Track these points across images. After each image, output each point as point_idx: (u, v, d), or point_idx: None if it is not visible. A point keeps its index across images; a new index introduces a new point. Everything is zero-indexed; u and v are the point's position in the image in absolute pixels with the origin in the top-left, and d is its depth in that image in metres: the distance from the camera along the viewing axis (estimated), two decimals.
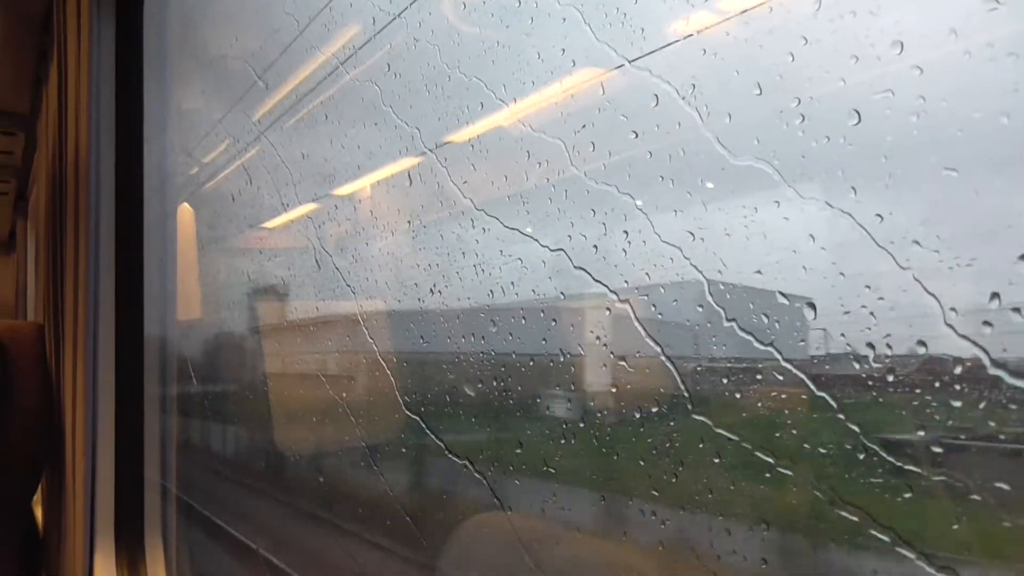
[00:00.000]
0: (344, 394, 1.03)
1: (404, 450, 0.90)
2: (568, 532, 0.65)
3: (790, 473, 0.43)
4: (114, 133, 1.63)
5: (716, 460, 0.47)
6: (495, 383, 0.69)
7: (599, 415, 0.59)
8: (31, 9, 2.02)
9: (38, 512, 1.95)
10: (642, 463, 0.52)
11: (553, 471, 0.64)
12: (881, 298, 0.38)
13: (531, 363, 0.64)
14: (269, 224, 1.59)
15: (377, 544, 1.13)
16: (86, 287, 1.52)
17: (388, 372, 0.90)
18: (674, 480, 0.50)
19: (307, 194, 1.36)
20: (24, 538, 1.66)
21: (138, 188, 1.65)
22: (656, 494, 0.52)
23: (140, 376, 1.60)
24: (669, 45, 0.48)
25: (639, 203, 0.49)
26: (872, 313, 0.38)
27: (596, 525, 0.62)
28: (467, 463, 0.70)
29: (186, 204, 1.83)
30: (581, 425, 0.59)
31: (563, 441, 0.60)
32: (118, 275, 1.60)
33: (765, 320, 0.43)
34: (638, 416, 0.54)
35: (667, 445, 0.50)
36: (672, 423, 0.50)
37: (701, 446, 0.47)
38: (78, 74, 1.60)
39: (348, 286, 0.91)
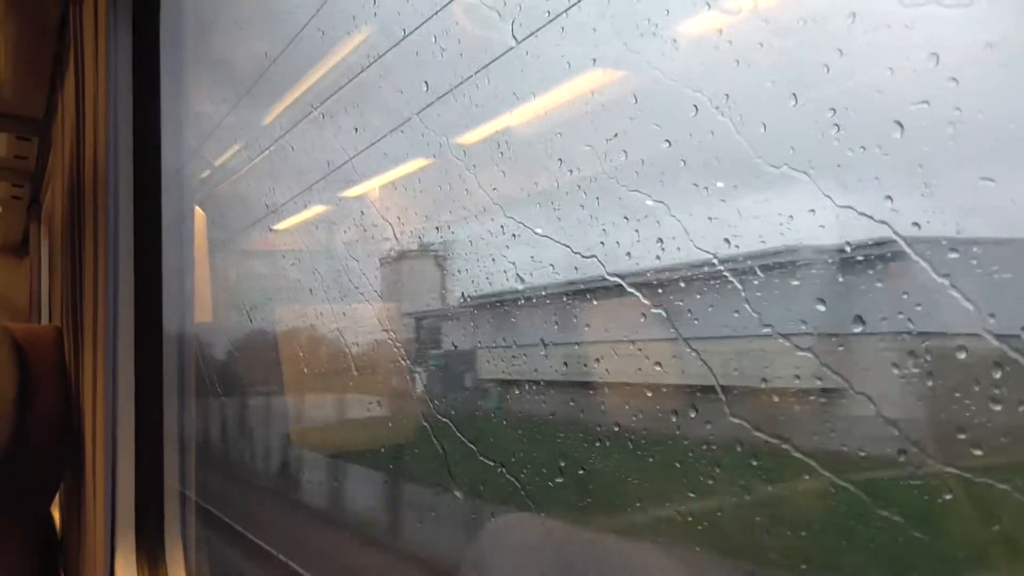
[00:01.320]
0: (370, 404, 1.06)
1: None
2: None
3: None
4: (132, 137, 1.65)
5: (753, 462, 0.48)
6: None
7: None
8: (47, 16, 2.04)
9: (55, 514, 1.97)
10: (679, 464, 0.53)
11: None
12: (919, 305, 0.39)
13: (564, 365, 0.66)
14: (284, 225, 1.61)
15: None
16: (105, 290, 1.54)
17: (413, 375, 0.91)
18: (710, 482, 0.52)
19: (325, 196, 1.38)
20: (43, 540, 1.67)
21: (155, 191, 1.67)
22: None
23: (159, 379, 1.62)
24: (702, 55, 0.49)
25: (673, 210, 0.50)
26: (910, 320, 0.39)
27: None
28: (503, 470, 0.71)
29: (206, 205, 1.85)
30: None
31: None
32: (137, 278, 1.61)
33: (803, 327, 0.44)
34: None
35: (704, 448, 0.51)
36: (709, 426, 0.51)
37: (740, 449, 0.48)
38: (96, 79, 1.62)
39: (374, 290, 0.93)
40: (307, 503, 1.60)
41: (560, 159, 0.59)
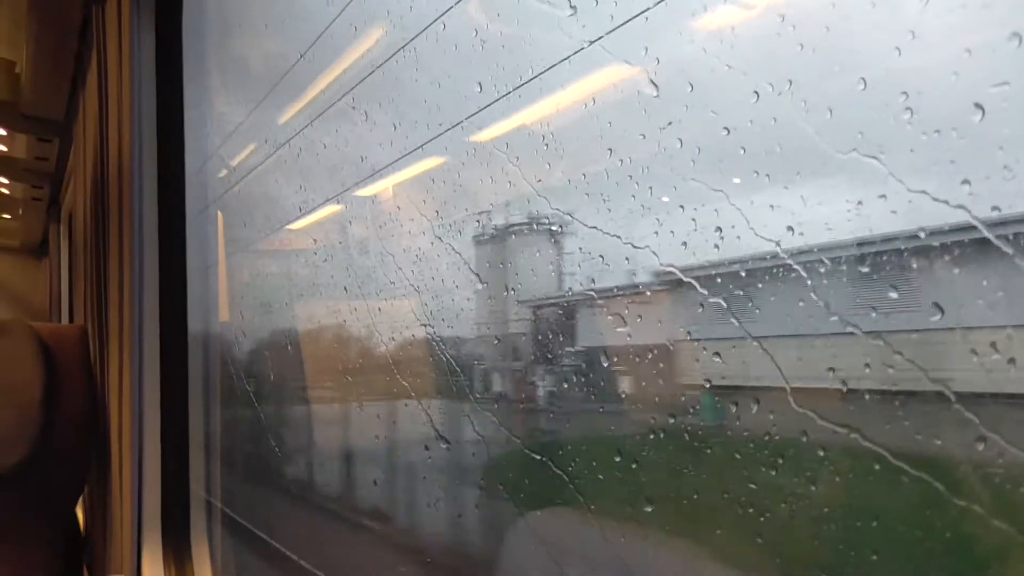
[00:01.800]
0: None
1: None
2: None
3: None
4: (155, 137, 1.66)
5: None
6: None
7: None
8: (69, 19, 2.05)
9: (78, 512, 1.98)
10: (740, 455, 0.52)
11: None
12: (1000, 291, 0.38)
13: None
14: (306, 222, 1.61)
15: None
16: (130, 289, 1.55)
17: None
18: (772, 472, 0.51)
19: (343, 193, 1.38)
20: (68, 537, 1.68)
21: (180, 192, 1.68)
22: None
23: (184, 379, 1.62)
24: (764, 42, 0.48)
25: (732, 198, 0.49)
26: (991, 308, 0.38)
27: None
28: (548, 461, 0.70)
29: (231, 203, 1.85)
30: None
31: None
32: (161, 277, 1.62)
33: (873, 315, 0.43)
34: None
35: (766, 436, 0.50)
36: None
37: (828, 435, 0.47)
38: (120, 80, 1.62)
39: (414, 287, 0.92)
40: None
41: (610, 148, 0.59)
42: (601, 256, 0.61)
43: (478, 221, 0.81)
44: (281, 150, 1.72)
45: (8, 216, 4.40)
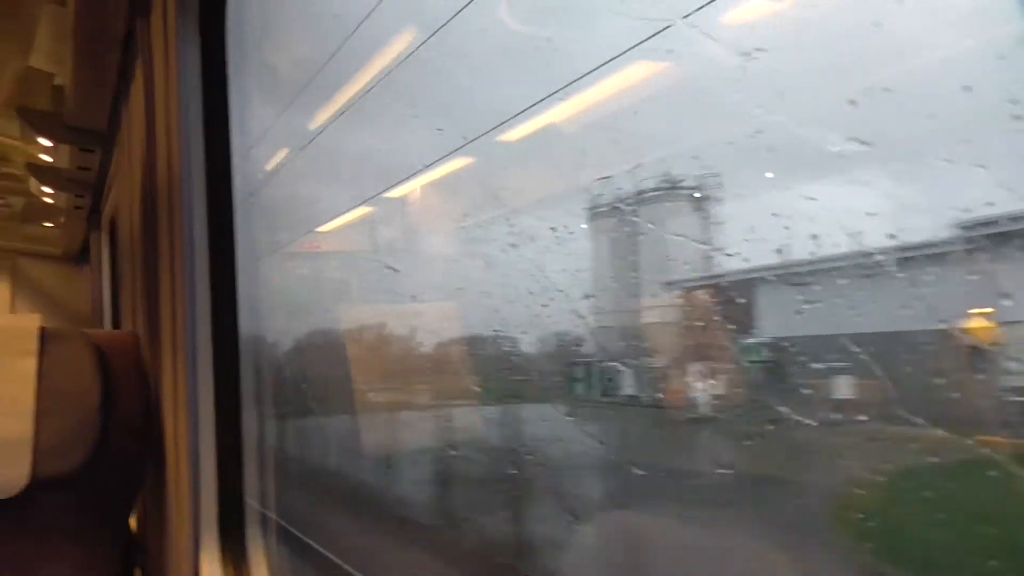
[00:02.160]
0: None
1: None
2: None
3: None
4: (203, 145, 1.68)
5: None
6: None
7: None
8: (113, 30, 2.09)
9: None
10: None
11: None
12: None
13: None
14: (339, 222, 1.63)
15: None
16: (183, 297, 1.58)
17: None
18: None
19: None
20: (125, 541, 1.72)
21: (227, 197, 1.70)
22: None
23: (237, 383, 1.65)
24: (861, 40, 0.47)
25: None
26: None
27: None
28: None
29: (281, 207, 1.88)
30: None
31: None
32: (212, 284, 1.65)
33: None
34: None
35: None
36: None
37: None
38: (166, 89, 1.66)
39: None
40: None
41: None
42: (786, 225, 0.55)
43: (595, 191, 0.74)
44: (319, 152, 1.74)
45: (51, 224, 4.51)
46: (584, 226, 0.74)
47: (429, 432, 1.31)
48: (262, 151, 1.93)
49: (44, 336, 1.59)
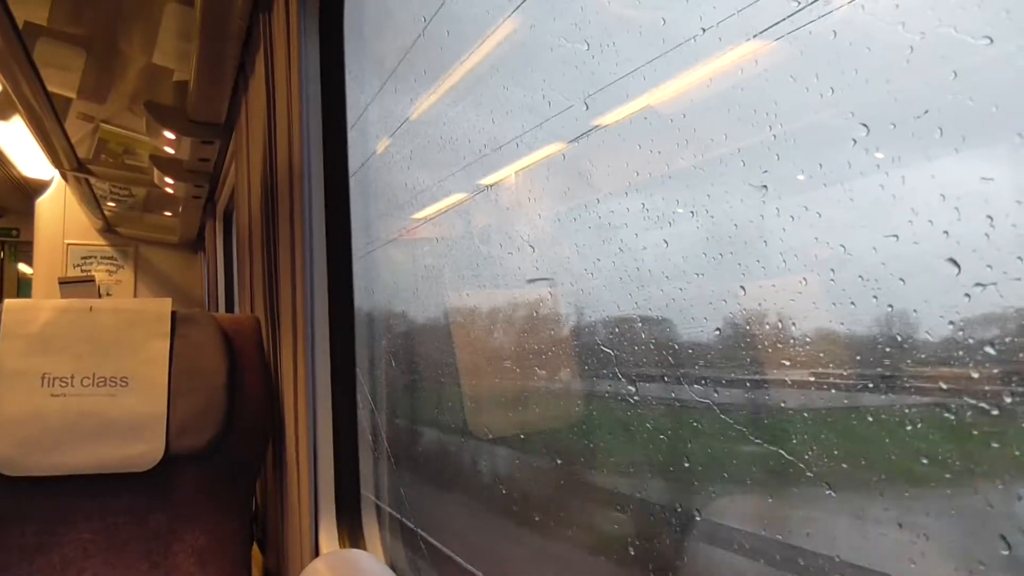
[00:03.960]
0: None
1: None
2: None
3: None
4: (321, 137, 1.74)
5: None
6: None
7: None
8: (233, 27, 2.18)
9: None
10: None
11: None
12: None
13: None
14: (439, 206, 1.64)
15: None
16: (303, 282, 1.64)
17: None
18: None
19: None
20: (250, 512, 1.80)
21: (344, 187, 1.75)
22: None
23: (353, 366, 1.71)
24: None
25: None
26: None
27: None
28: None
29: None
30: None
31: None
32: (330, 270, 1.70)
33: None
34: None
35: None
36: None
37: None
38: (288, 83, 1.72)
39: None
40: None
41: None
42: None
43: None
44: (424, 138, 1.77)
45: (169, 214, 4.79)
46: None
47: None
48: (372, 138, 1.98)
49: (175, 319, 1.68)
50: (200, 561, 1.61)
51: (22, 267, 7.29)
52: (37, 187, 4.95)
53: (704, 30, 0.78)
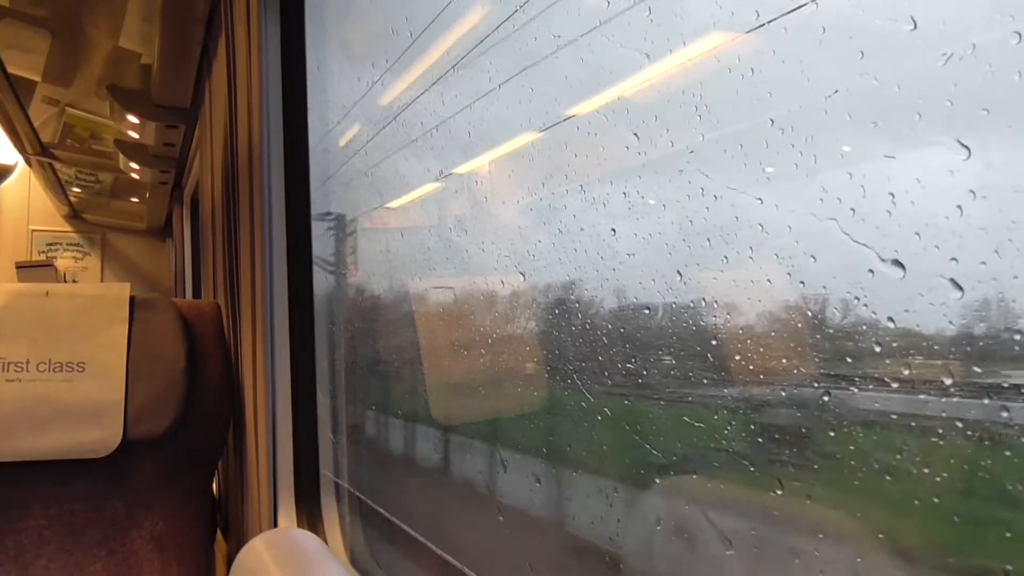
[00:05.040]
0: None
1: None
2: None
3: None
4: (282, 121, 1.73)
5: None
6: None
7: None
8: (198, 10, 2.16)
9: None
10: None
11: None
12: None
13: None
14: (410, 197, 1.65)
15: None
16: (262, 268, 1.63)
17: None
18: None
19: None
20: (210, 499, 1.80)
21: (304, 171, 1.75)
22: None
23: (312, 353, 1.71)
24: None
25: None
26: None
27: None
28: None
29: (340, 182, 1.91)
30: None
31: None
32: (289, 257, 1.70)
33: None
34: None
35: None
36: None
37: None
38: (248, 67, 1.71)
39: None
40: None
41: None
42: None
43: None
44: (393, 126, 1.76)
45: (136, 200, 4.73)
46: None
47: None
48: (338, 125, 1.97)
49: (134, 304, 1.67)
50: (159, 547, 1.61)
51: None
52: (0, 172, 4.85)
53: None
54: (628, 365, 0.87)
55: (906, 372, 0.51)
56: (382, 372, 1.86)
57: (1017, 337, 0.46)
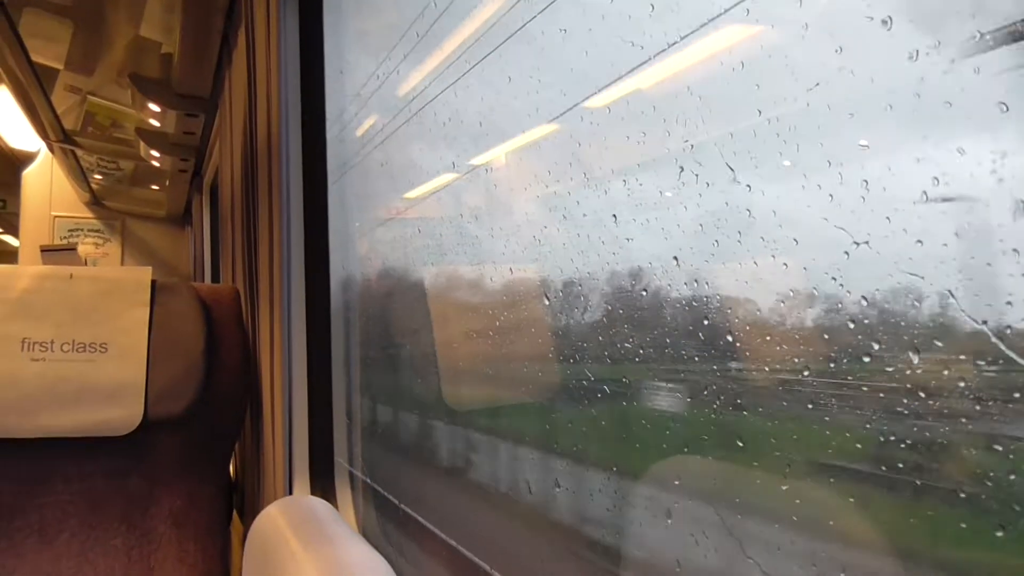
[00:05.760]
0: None
1: None
2: None
3: None
4: (300, 109, 1.76)
5: None
6: None
7: None
8: (218, 0, 2.19)
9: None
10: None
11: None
12: None
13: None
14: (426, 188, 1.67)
15: None
16: (280, 254, 1.67)
17: None
18: None
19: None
20: (227, 481, 1.85)
21: (322, 160, 1.78)
22: None
23: (328, 338, 1.74)
24: None
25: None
26: None
27: None
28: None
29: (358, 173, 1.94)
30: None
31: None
32: (307, 243, 1.73)
33: None
34: None
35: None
36: None
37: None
38: (268, 57, 1.74)
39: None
40: None
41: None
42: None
43: None
44: (408, 117, 1.78)
45: (156, 187, 4.79)
46: None
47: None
48: (356, 115, 2.00)
49: (155, 288, 1.71)
50: (177, 524, 1.66)
51: (8, 239, 7.28)
52: (23, 158, 4.93)
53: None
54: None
55: None
56: (401, 357, 1.89)
57: None
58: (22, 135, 4.21)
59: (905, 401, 0.54)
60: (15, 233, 5.86)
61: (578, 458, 1.07)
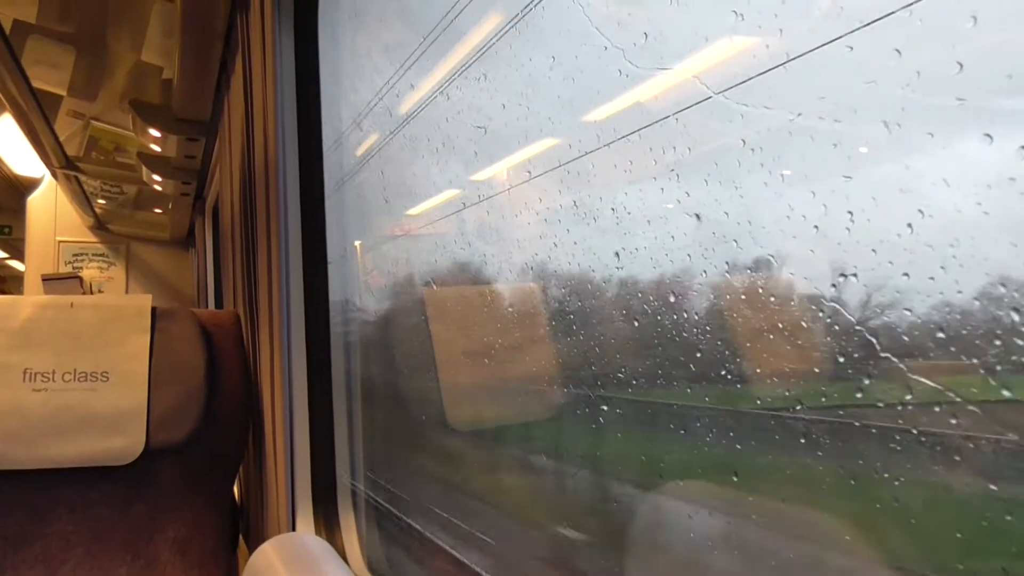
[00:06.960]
0: None
1: None
2: None
3: None
4: (296, 133, 1.77)
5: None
6: None
7: None
8: (215, 26, 2.21)
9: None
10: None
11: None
12: None
13: None
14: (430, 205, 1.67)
15: None
16: (279, 278, 1.67)
17: None
18: None
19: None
20: (231, 506, 1.84)
21: (319, 183, 1.78)
22: None
23: (328, 360, 1.74)
24: None
25: None
26: None
27: None
28: None
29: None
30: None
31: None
32: (305, 267, 1.73)
33: None
34: None
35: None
36: None
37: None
38: (264, 81, 1.74)
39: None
40: None
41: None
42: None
43: None
44: (404, 137, 1.79)
45: (160, 211, 4.82)
46: None
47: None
48: (352, 136, 2.01)
49: (155, 315, 1.72)
50: (182, 551, 1.65)
51: (16, 264, 7.32)
52: (28, 185, 4.97)
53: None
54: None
55: None
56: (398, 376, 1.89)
57: None
58: (26, 162, 4.25)
59: None
60: (21, 259, 5.89)
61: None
